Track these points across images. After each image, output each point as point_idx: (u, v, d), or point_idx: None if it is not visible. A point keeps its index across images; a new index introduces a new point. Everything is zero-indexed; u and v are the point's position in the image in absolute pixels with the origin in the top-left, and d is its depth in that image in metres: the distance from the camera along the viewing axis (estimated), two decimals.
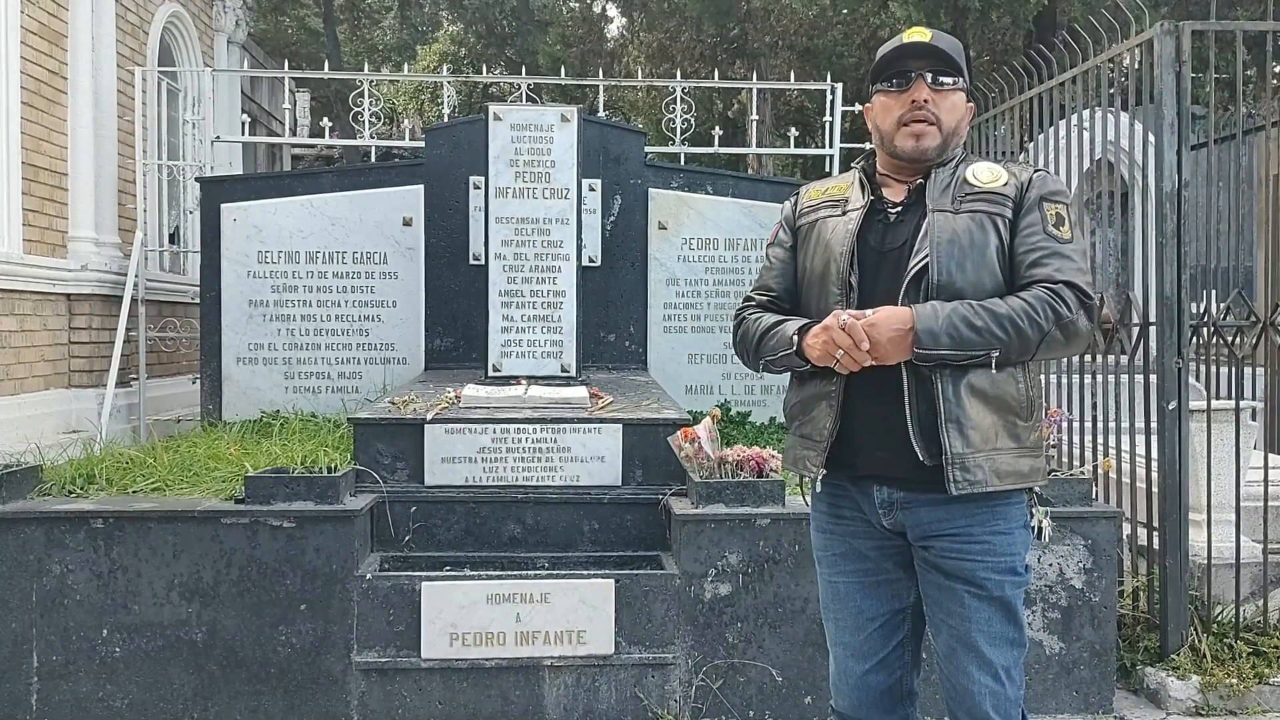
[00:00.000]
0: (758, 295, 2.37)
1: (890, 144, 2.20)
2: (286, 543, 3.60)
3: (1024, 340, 2.02)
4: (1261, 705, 3.76)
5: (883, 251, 2.17)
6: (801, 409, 2.24)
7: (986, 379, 2.05)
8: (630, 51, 15.55)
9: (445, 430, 4.04)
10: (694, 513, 3.72)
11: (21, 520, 3.57)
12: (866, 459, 2.15)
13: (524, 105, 5.64)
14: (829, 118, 6.71)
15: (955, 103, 2.18)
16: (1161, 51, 3.96)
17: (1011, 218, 2.12)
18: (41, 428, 5.60)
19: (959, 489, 2.04)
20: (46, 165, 6.17)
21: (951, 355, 2.01)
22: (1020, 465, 2.10)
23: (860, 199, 2.23)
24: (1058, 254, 2.08)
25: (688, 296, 5.71)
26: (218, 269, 5.53)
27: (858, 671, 2.23)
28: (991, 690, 2.11)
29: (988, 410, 2.06)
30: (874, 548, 2.22)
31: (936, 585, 2.15)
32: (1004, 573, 2.11)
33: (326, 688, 3.59)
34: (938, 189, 2.15)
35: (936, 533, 2.12)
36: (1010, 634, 2.13)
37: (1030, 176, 2.17)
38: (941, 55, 2.15)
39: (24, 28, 5.90)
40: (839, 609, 2.27)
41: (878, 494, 2.16)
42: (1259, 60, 8.60)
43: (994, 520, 2.11)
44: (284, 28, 16.72)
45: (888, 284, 2.12)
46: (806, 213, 2.32)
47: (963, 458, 2.04)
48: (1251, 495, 4.15)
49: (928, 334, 1.99)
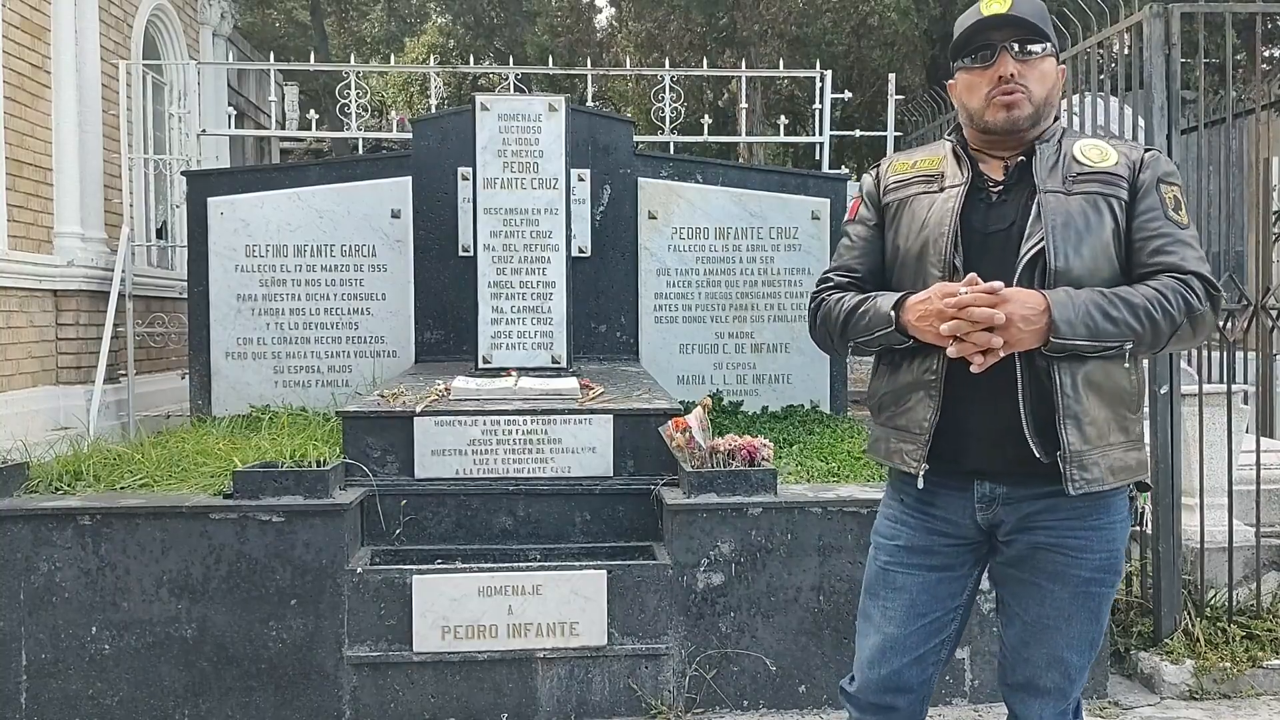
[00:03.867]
0: (837, 276, 2.18)
1: (980, 120, 2.04)
2: (276, 537, 3.58)
3: (1157, 332, 1.89)
4: (1255, 688, 3.76)
5: (987, 233, 2.02)
6: (894, 398, 2.08)
7: (1102, 371, 1.94)
8: (619, 41, 15.49)
9: (435, 423, 4.02)
10: (686, 503, 3.70)
11: (8, 518, 3.54)
12: (975, 454, 2.01)
13: (511, 95, 5.60)
14: (819, 105, 6.69)
15: (1045, 71, 2.02)
16: (1151, 34, 3.95)
17: (1127, 199, 1.99)
18: (29, 425, 5.57)
19: (1077, 488, 1.92)
20: (31, 160, 6.12)
21: (1087, 346, 1.87)
22: (1129, 459, 2.00)
23: (960, 175, 2.07)
24: (1181, 241, 1.96)
25: (679, 286, 5.69)
26: (205, 263, 5.50)
27: (894, 664, 2.10)
28: (1058, 688, 2.05)
29: (1102, 404, 1.95)
30: (949, 545, 2.09)
31: (1021, 579, 2.06)
32: (1099, 569, 2.01)
33: (318, 683, 3.57)
34: (1044, 167, 2.01)
35: (1035, 525, 2.01)
36: (1091, 634, 2.04)
37: (1142, 156, 2.03)
38: (1025, 23, 1.99)
39: (6, 21, 5.84)
40: (890, 599, 2.12)
41: (978, 489, 2.03)
42: (1248, 44, 8.60)
43: (1095, 515, 2.00)
44: (271, 21, 16.64)
45: (995, 267, 1.94)
46: (895, 188, 2.15)
47: (1081, 455, 1.92)
48: (1244, 479, 4.14)
49: (1065, 323, 1.84)
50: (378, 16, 18.98)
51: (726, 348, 5.71)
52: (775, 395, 5.68)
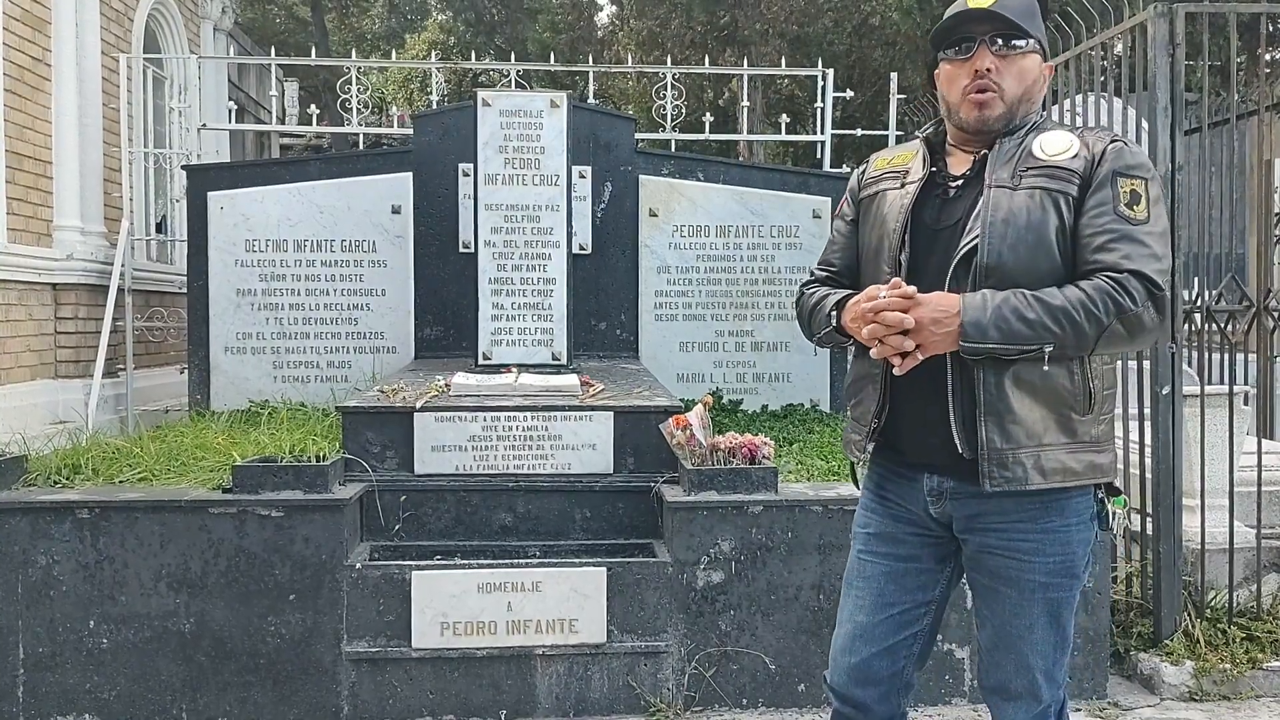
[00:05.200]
0: (819, 271, 2.25)
1: (955, 115, 2.05)
2: (275, 532, 3.57)
3: (1080, 335, 1.85)
4: (1255, 690, 3.76)
5: (936, 229, 2.02)
6: (854, 390, 2.15)
7: (1036, 371, 1.91)
8: (620, 39, 15.47)
9: (435, 418, 4.01)
10: (686, 500, 3.69)
11: (6, 511, 3.52)
12: (914, 446, 2.06)
13: (513, 91, 5.59)
14: (820, 104, 6.68)
15: (1024, 68, 2.01)
16: (1155, 35, 3.94)
17: (1077, 195, 1.94)
18: (27, 419, 5.55)
19: (994, 486, 1.93)
20: (30, 153, 6.10)
21: (1000, 350, 1.86)
22: (1073, 462, 1.95)
23: (919, 171, 2.08)
24: (1127, 237, 1.89)
25: (679, 284, 5.68)
26: (205, 258, 5.49)
27: (862, 653, 2.12)
28: (1029, 690, 2.05)
29: (1035, 403, 1.93)
30: (913, 534, 2.12)
31: (980, 583, 2.07)
32: (1054, 573, 1.99)
33: (316, 678, 3.56)
34: (999, 161, 2.00)
35: (983, 527, 2.02)
36: (1053, 638, 2.02)
37: (1104, 148, 1.97)
38: (1005, 19, 1.98)
39: (6, 14, 5.83)
40: (861, 588, 2.16)
41: (927, 482, 2.06)
42: (1251, 45, 8.60)
43: (1047, 516, 1.98)
44: (271, 16, 16.63)
45: (938, 264, 1.98)
46: (869, 184, 2.18)
47: (1000, 454, 1.92)
48: (1244, 480, 4.14)
49: (974, 326, 1.85)
50: (378, 13, 18.97)
51: (726, 346, 5.70)
52: (775, 394, 5.68)
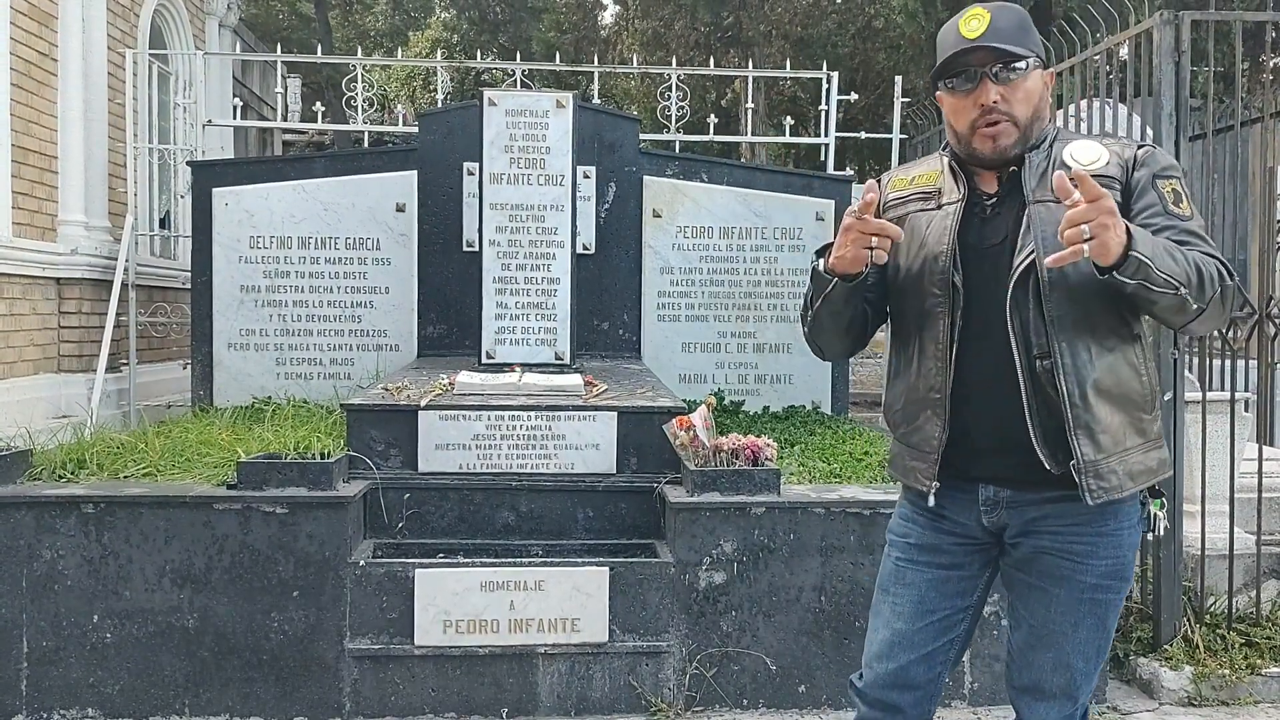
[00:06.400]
0: None
1: (968, 149, 2.03)
2: (279, 529, 3.58)
3: (1200, 295, 1.81)
4: (1254, 696, 3.77)
5: (982, 249, 2.00)
6: (904, 416, 2.11)
7: (1112, 377, 1.92)
8: (624, 39, 15.49)
9: (439, 417, 4.02)
10: (689, 501, 3.70)
11: (11, 505, 3.54)
12: (982, 465, 2.02)
13: (519, 91, 5.60)
14: (825, 107, 6.68)
15: (1030, 89, 1.98)
16: (1160, 42, 3.95)
17: (1121, 200, 1.92)
18: (31, 413, 5.56)
19: (1096, 499, 1.91)
20: (36, 148, 6.11)
21: (1155, 274, 1.74)
22: (1149, 460, 1.98)
23: (956, 191, 2.05)
24: (1188, 232, 1.90)
25: (682, 285, 5.68)
26: (209, 254, 5.49)
27: (901, 660, 2.11)
28: (1064, 692, 2.04)
29: (1115, 409, 1.93)
30: (957, 544, 2.11)
31: (1027, 583, 2.06)
32: (1105, 576, 1.99)
33: (319, 674, 3.57)
34: (1034, 176, 1.98)
35: (1040, 529, 2.01)
36: (1097, 640, 2.02)
37: (1135, 153, 1.98)
38: (1001, 49, 1.95)
39: (13, 8, 5.84)
40: (901, 595, 2.13)
41: (983, 492, 2.04)
42: (1254, 52, 8.62)
43: (1103, 520, 1.98)
44: (275, 13, 16.64)
45: (991, 283, 1.96)
46: (895, 204, 2.15)
47: (1095, 464, 1.90)
48: (1245, 487, 4.15)
49: (1140, 239, 1.74)
50: (382, 9, 18.97)
51: (729, 347, 5.71)
52: (777, 395, 5.68)
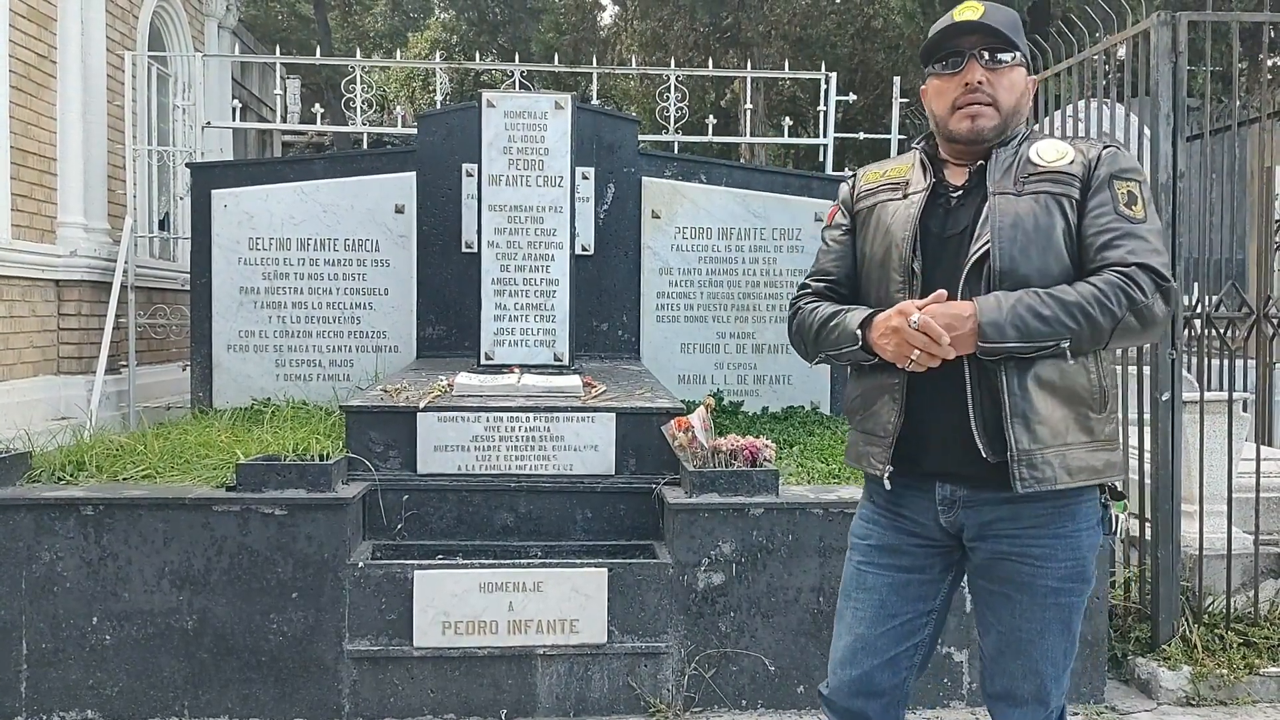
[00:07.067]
0: (814, 282, 2.25)
1: (946, 128, 2.09)
2: (278, 530, 3.58)
3: (1096, 329, 1.89)
4: (1252, 695, 3.77)
5: (944, 237, 2.06)
6: (863, 403, 2.14)
7: (1055, 370, 1.95)
8: (623, 40, 15.49)
9: (438, 418, 4.02)
10: (687, 502, 3.71)
11: (11, 507, 3.54)
12: (932, 456, 2.05)
13: (518, 92, 5.60)
14: (823, 107, 6.69)
15: (1014, 80, 2.06)
16: (1158, 42, 3.95)
17: (1079, 198, 2.00)
18: (30, 414, 5.57)
19: (1025, 487, 1.94)
20: (35, 150, 6.12)
21: (1019, 348, 1.89)
22: (1094, 461, 1.99)
23: (922, 182, 2.12)
24: (1131, 234, 1.95)
25: (681, 286, 5.69)
26: (208, 255, 5.50)
27: (864, 666, 2.12)
28: (1036, 696, 2.06)
29: (1057, 403, 1.96)
30: (918, 545, 2.12)
31: (990, 590, 2.07)
32: (1065, 579, 2.01)
33: (318, 676, 3.57)
34: (999, 170, 2.04)
35: (997, 533, 2.03)
36: (1063, 643, 2.04)
37: (1099, 153, 2.04)
38: (995, 31, 2.02)
39: (12, 10, 5.84)
40: (862, 599, 2.15)
41: (939, 490, 2.07)
42: (1252, 52, 8.62)
43: (1059, 521, 2.01)
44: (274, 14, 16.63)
45: (949, 271, 2.01)
46: (865, 196, 2.21)
47: (1029, 454, 1.94)
48: (1243, 487, 4.16)
49: (992, 326, 1.87)
50: (381, 10, 18.97)
51: (728, 348, 5.72)
52: (775, 396, 5.69)
